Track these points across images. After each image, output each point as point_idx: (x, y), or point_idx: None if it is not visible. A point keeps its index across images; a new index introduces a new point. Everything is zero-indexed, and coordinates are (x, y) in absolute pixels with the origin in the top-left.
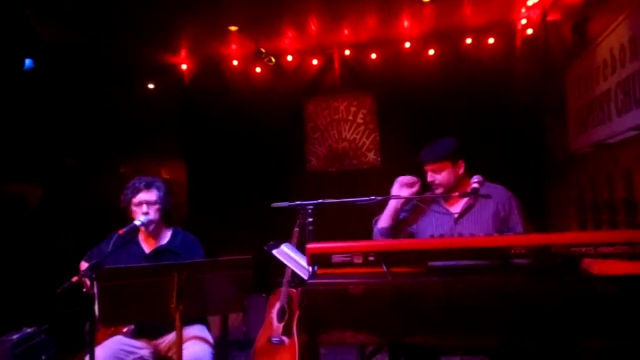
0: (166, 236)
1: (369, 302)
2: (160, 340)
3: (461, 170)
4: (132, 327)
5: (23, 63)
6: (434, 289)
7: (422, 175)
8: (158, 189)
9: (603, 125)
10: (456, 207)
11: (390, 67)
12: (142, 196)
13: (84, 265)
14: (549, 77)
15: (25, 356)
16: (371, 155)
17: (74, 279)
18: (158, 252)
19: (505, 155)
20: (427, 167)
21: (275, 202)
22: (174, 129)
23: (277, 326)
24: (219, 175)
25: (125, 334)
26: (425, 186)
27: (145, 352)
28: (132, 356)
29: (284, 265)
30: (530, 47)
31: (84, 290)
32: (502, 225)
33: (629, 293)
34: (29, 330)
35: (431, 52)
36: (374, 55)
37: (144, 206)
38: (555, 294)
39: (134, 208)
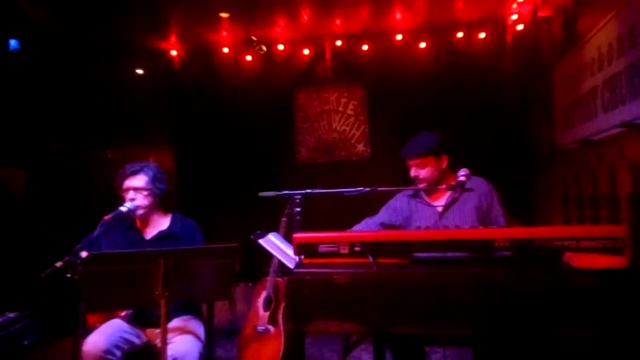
0: (166, 222)
1: (354, 292)
2: (157, 331)
3: (444, 165)
4: (131, 311)
5: (8, 44)
6: (419, 279)
7: (406, 170)
8: (146, 174)
9: (589, 121)
10: (440, 201)
11: (382, 59)
12: (129, 182)
13: (83, 253)
14: (538, 73)
15: (6, 341)
16: (360, 147)
17: (58, 264)
18: (160, 237)
19: (493, 148)
20: (411, 163)
21: (264, 191)
22: (162, 115)
23: (263, 315)
24: (207, 163)
25: (124, 318)
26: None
27: (138, 341)
28: (129, 345)
29: (271, 255)
30: (521, 42)
31: (68, 275)
32: (484, 218)
33: (607, 286)
34: (11, 315)
35: (422, 45)
36: (365, 47)
37: (131, 192)
38: (537, 286)
39: (123, 194)
